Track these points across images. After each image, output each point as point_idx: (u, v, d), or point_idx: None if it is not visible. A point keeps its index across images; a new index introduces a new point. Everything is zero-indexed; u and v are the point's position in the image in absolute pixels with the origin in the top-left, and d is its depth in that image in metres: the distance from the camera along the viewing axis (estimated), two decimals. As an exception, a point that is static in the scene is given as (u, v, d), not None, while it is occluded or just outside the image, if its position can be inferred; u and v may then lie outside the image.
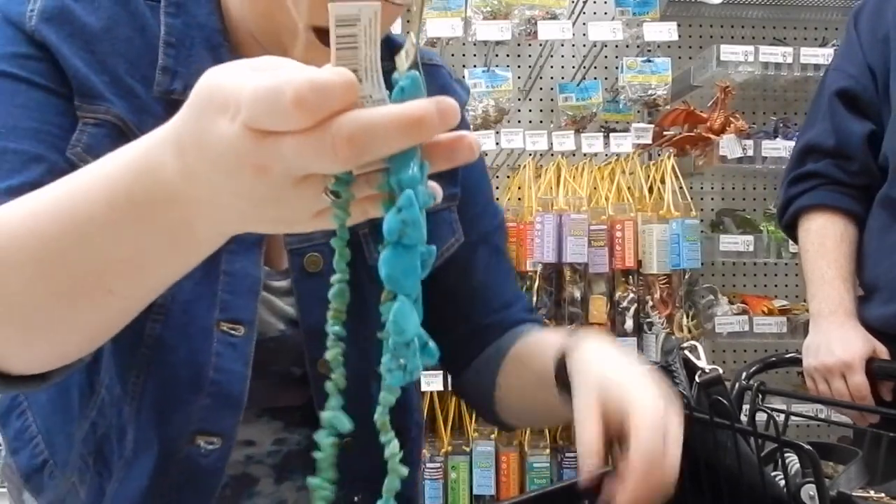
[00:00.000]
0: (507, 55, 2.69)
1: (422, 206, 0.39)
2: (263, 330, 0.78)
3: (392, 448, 0.43)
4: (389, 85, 0.40)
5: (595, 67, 2.59)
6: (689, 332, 2.32)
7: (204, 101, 0.41)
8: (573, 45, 2.67)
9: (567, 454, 2.42)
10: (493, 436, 2.40)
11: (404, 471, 0.43)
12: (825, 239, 1.43)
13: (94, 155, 0.65)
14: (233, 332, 0.76)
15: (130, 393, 0.76)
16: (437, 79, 0.88)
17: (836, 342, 1.36)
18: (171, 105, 0.71)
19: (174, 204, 0.45)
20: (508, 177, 2.68)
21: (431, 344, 0.42)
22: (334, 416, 0.44)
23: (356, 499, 0.85)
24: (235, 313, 0.76)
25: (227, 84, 0.40)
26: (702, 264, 2.38)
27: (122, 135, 0.71)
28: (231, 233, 0.48)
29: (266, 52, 0.52)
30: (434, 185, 0.42)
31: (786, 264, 2.82)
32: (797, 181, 1.50)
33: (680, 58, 2.73)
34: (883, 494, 0.82)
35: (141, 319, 0.72)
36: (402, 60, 0.40)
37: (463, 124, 0.87)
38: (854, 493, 0.82)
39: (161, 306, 0.74)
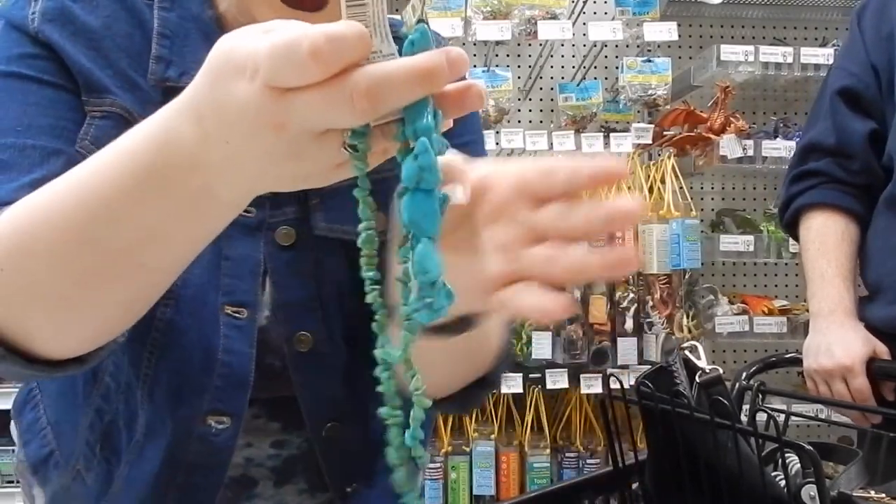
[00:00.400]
0: (507, 55, 2.69)
1: (436, 153, 0.41)
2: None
3: (415, 383, 0.45)
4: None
5: (595, 67, 2.59)
6: (689, 332, 2.32)
7: (221, 65, 0.42)
8: (573, 45, 2.67)
9: (567, 454, 2.42)
10: (493, 436, 2.40)
11: (427, 402, 0.46)
12: (826, 237, 1.43)
13: (101, 146, 0.64)
14: (237, 315, 0.77)
15: (143, 378, 0.77)
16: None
17: (836, 344, 1.36)
18: (167, 92, 0.72)
19: (194, 170, 0.46)
20: (508, 177, 2.67)
21: (449, 286, 0.43)
22: (384, 351, 0.46)
23: (348, 489, 0.86)
24: (239, 296, 0.77)
25: (242, 46, 0.41)
26: (702, 264, 2.38)
27: (128, 125, 0.71)
28: (253, 193, 0.48)
29: None
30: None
31: (786, 264, 2.81)
32: (798, 179, 1.49)
33: (680, 58, 2.73)
34: (883, 495, 0.82)
35: (152, 306, 0.74)
36: (410, 15, 0.43)
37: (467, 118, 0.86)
38: (854, 494, 0.82)
39: (171, 291, 0.73)
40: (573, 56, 2.72)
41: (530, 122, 2.74)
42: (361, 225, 0.45)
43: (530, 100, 2.74)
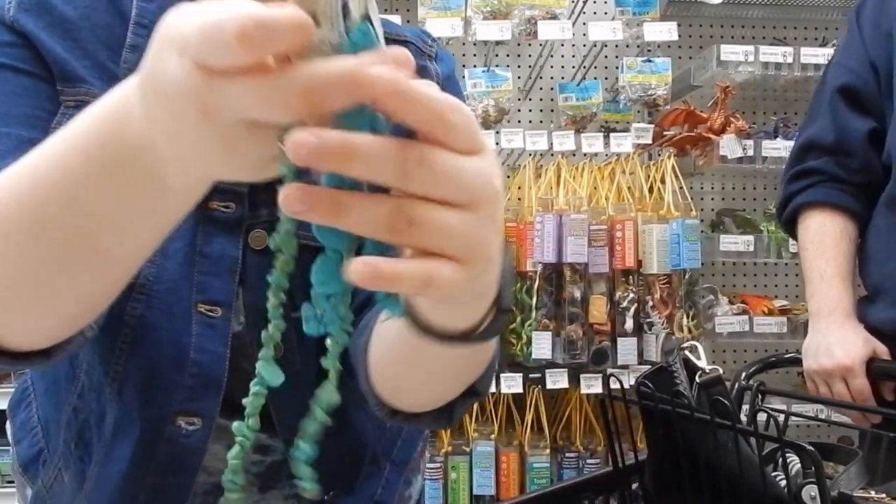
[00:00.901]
0: (507, 55, 2.69)
1: None
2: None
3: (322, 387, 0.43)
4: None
5: (595, 67, 2.59)
6: (689, 332, 2.32)
7: (162, 38, 0.40)
8: (573, 45, 2.67)
9: (567, 454, 2.42)
10: (493, 436, 2.40)
11: (322, 416, 0.44)
12: (824, 237, 1.42)
13: None
14: (211, 313, 0.76)
15: (112, 374, 0.76)
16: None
17: (836, 344, 1.35)
18: None
19: (143, 151, 0.43)
20: (508, 177, 2.68)
21: (344, 308, 0.41)
22: (263, 365, 0.43)
23: (326, 497, 0.85)
24: (213, 295, 0.76)
25: (180, 21, 0.38)
26: (702, 264, 2.37)
27: None
28: (204, 181, 0.45)
29: None
30: None
31: (786, 264, 2.81)
32: (797, 178, 1.48)
33: (680, 58, 2.73)
34: (884, 495, 0.82)
35: (122, 300, 0.72)
36: (355, 7, 0.39)
37: (456, 95, 0.83)
38: (855, 494, 0.82)
39: (143, 287, 0.74)
40: (573, 56, 2.72)
41: (530, 122, 2.74)
42: (281, 227, 0.42)
43: (530, 100, 2.74)
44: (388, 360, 0.66)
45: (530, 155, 2.44)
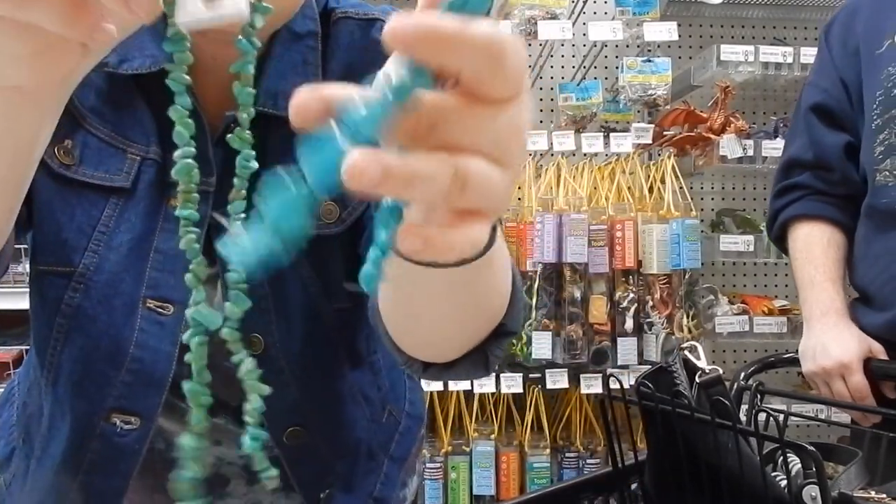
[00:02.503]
0: None
1: None
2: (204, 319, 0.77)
3: (246, 365, 0.40)
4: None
5: (595, 67, 2.59)
6: (689, 332, 2.32)
7: None
8: (573, 45, 2.67)
9: (567, 454, 2.42)
10: (493, 436, 2.40)
11: (264, 389, 0.41)
12: (811, 246, 1.46)
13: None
14: (160, 310, 0.74)
15: (47, 366, 0.75)
16: (368, 33, 0.79)
17: (832, 343, 1.37)
18: (108, 78, 0.71)
19: None
20: (508, 177, 2.68)
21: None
22: (197, 311, 0.41)
23: (322, 495, 0.84)
24: (165, 292, 0.74)
25: None
26: (702, 264, 2.37)
27: (68, 113, 0.70)
28: (15, 77, 0.42)
29: None
30: None
31: (786, 264, 2.80)
32: (782, 194, 1.53)
33: (680, 58, 2.73)
34: (884, 495, 0.82)
35: (61, 288, 0.72)
36: None
37: None
38: (855, 494, 0.82)
39: (82, 276, 0.72)
40: (573, 56, 2.72)
41: (530, 122, 2.73)
42: (177, 153, 0.39)
43: (530, 99, 2.74)
44: (398, 307, 0.63)
45: (530, 155, 2.44)
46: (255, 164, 0.42)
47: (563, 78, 2.68)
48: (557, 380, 2.31)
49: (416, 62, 0.30)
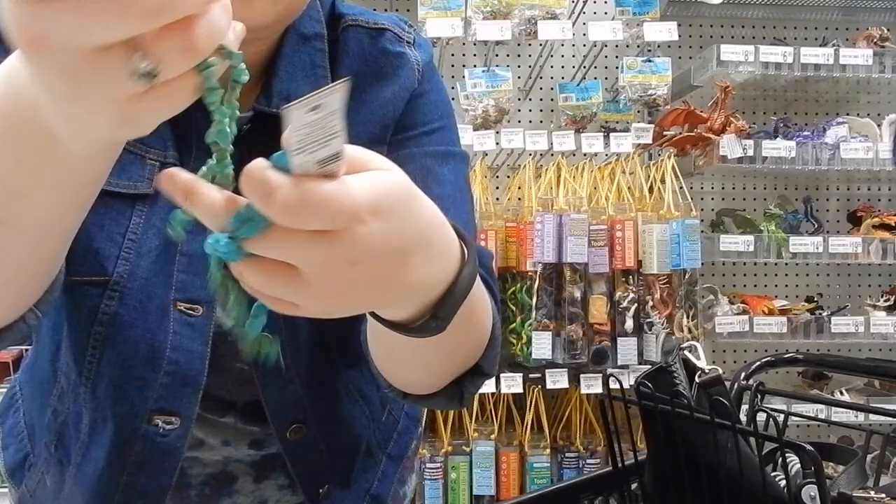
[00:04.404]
0: (507, 55, 2.69)
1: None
2: (221, 321, 0.78)
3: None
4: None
5: (595, 67, 2.59)
6: (689, 332, 2.32)
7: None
8: (573, 45, 2.67)
9: (567, 454, 2.42)
10: (493, 436, 2.40)
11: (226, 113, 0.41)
12: None
13: None
14: (191, 311, 0.75)
15: (85, 373, 0.75)
16: (378, 43, 0.83)
17: None
18: None
19: (35, 110, 0.42)
20: (508, 177, 2.68)
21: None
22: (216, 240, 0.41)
23: (321, 491, 0.85)
24: (193, 293, 0.75)
25: None
26: (702, 264, 2.37)
27: None
28: (97, 140, 0.43)
29: None
30: None
31: (786, 264, 2.82)
32: None
33: (680, 58, 2.73)
34: (884, 495, 0.82)
35: (96, 297, 0.72)
36: None
37: (427, 100, 0.82)
38: (854, 494, 0.82)
39: (117, 284, 0.73)
40: (573, 56, 2.72)
41: (530, 122, 2.74)
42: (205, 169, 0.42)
43: (530, 100, 2.74)
44: (374, 347, 0.68)
45: (530, 155, 2.44)
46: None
47: (563, 78, 2.68)
48: (557, 380, 2.31)
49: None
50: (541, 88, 2.72)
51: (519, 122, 2.70)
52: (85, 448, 0.77)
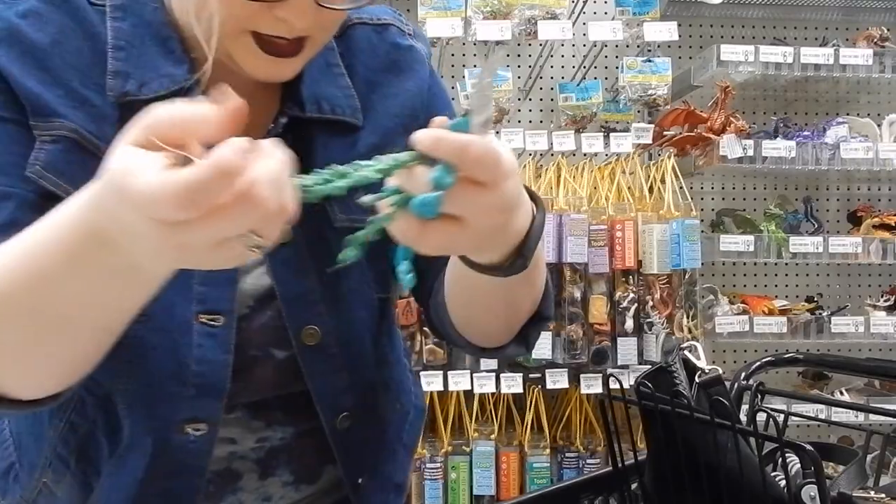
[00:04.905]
0: (507, 55, 2.69)
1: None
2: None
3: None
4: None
5: (595, 67, 2.59)
6: (689, 332, 2.32)
7: (114, 192, 0.47)
8: (573, 45, 2.67)
9: (567, 454, 2.42)
10: (493, 436, 2.40)
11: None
12: None
13: (53, 171, 0.70)
14: (212, 322, 0.76)
15: (118, 391, 0.77)
16: (386, 38, 0.86)
17: None
18: (127, 108, 0.71)
19: (118, 255, 0.51)
20: (508, 177, 2.67)
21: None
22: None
23: (359, 480, 0.87)
24: (213, 304, 0.76)
25: (132, 184, 0.45)
26: (702, 264, 2.37)
27: (80, 148, 0.72)
28: (177, 266, 0.53)
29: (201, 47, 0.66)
30: None
31: (786, 264, 2.82)
32: None
33: (680, 58, 2.73)
34: (883, 495, 0.82)
35: None
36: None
37: (439, 90, 0.89)
38: (854, 494, 0.82)
39: (142, 309, 0.74)
40: (573, 56, 2.72)
41: (530, 122, 2.74)
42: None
43: (530, 100, 2.74)
44: (459, 302, 0.79)
45: (530, 155, 2.44)
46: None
47: (563, 78, 2.68)
48: (557, 380, 2.31)
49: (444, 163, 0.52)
50: (541, 88, 2.72)
51: (519, 122, 2.70)
52: (120, 460, 0.79)
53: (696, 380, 0.84)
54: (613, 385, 0.92)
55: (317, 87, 0.79)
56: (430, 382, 2.25)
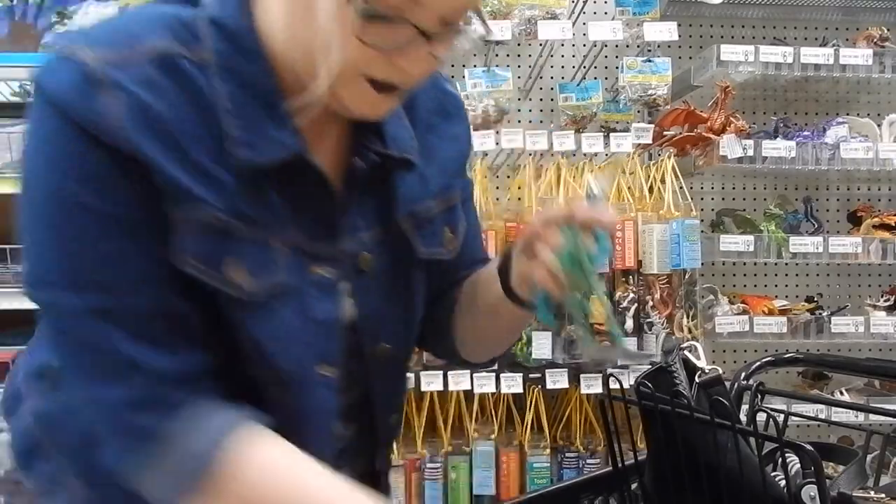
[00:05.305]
0: (507, 55, 2.69)
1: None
2: None
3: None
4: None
5: (595, 67, 2.59)
6: (689, 332, 2.32)
7: None
8: (573, 45, 2.67)
9: (567, 454, 2.42)
10: (493, 436, 2.40)
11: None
12: None
13: (199, 258, 0.69)
14: (327, 374, 0.81)
15: None
16: (436, 83, 0.92)
17: None
18: (244, 175, 0.72)
19: None
20: (508, 177, 2.68)
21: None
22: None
23: (385, 470, 0.97)
24: (326, 357, 0.80)
25: None
26: (702, 264, 2.37)
27: (217, 229, 0.71)
28: None
29: (305, 88, 0.69)
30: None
31: (786, 264, 2.81)
32: None
33: (680, 58, 2.73)
34: (883, 494, 0.82)
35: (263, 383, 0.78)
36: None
37: (461, 119, 0.97)
38: (854, 494, 0.82)
39: (287, 373, 0.78)
40: (573, 56, 2.71)
41: (530, 121, 2.73)
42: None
43: (530, 100, 2.74)
44: (475, 327, 0.96)
45: (530, 155, 2.44)
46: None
47: (563, 78, 2.68)
48: (557, 380, 2.31)
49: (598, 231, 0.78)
50: (541, 88, 2.72)
51: (519, 122, 2.70)
52: None
53: (696, 380, 0.84)
54: (613, 385, 0.92)
55: (393, 129, 0.84)
56: (430, 382, 2.25)
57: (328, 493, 0.69)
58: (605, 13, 2.66)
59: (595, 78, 2.54)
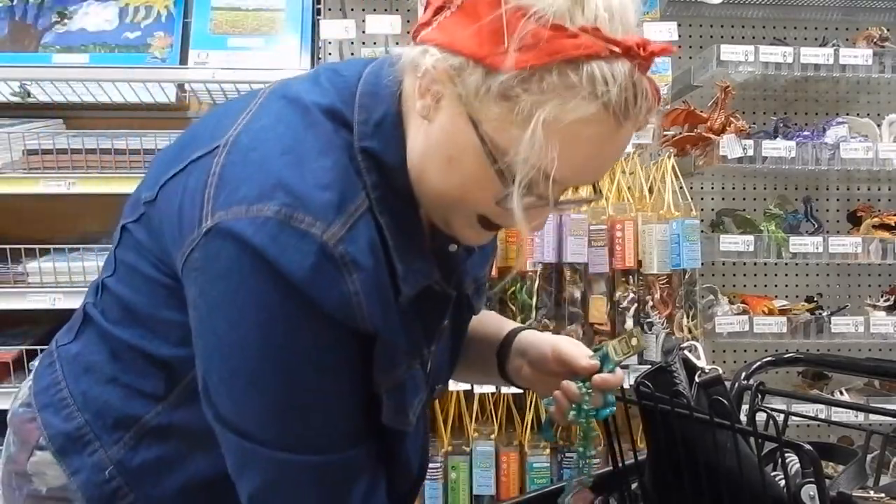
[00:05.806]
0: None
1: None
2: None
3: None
4: None
5: (595, 67, 2.59)
6: (689, 332, 2.32)
7: None
8: (573, 45, 2.67)
9: (567, 454, 2.42)
10: (493, 436, 2.40)
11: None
12: None
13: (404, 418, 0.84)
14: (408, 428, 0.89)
15: None
16: None
17: None
18: (409, 305, 0.78)
19: None
20: (508, 177, 2.67)
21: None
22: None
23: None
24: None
25: None
26: (702, 264, 2.37)
27: (408, 391, 0.84)
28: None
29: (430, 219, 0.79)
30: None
31: (786, 264, 2.81)
32: None
33: (680, 58, 2.73)
34: (883, 494, 0.82)
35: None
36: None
37: None
38: (854, 493, 0.82)
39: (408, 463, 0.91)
40: (573, 56, 2.71)
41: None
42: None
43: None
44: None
45: (530, 155, 2.44)
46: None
47: (563, 78, 2.68)
48: (557, 380, 2.30)
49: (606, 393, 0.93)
50: (541, 88, 2.72)
51: (519, 122, 2.70)
52: None
53: (696, 380, 0.84)
54: (613, 385, 0.92)
55: (473, 269, 0.97)
56: (430, 382, 2.25)
57: None
58: (605, 13, 2.65)
59: (595, 78, 2.53)
